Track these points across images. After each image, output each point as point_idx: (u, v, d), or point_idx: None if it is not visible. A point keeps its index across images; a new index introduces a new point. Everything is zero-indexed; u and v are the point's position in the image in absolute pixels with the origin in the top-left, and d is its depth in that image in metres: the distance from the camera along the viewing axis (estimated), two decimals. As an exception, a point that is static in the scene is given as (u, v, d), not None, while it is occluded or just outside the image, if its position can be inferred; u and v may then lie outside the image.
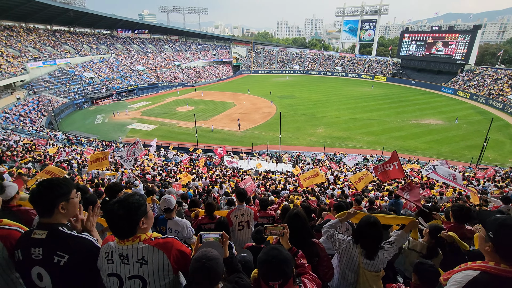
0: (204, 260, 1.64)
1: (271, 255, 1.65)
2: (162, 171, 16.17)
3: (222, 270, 1.72)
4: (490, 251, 1.57)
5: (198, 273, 1.63)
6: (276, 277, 1.64)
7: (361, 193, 12.33)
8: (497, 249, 1.54)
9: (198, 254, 1.70)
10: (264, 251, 1.71)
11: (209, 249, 1.75)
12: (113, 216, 1.74)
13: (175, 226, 3.71)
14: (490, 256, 1.59)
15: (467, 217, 3.60)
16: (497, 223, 1.54)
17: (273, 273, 1.64)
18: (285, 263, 1.65)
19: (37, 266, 1.80)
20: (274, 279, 1.64)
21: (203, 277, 1.63)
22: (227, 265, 2.06)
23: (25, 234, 1.92)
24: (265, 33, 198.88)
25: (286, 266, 1.65)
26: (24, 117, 33.92)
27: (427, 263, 2.47)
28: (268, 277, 1.65)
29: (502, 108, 41.30)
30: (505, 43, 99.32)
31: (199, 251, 1.75)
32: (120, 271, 1.77)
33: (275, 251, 1.68)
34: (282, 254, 1.68)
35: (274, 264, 1.63)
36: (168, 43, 79.36)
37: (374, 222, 2.54)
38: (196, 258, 1.68)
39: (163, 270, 1.79)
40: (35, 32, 53.32)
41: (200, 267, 1.62)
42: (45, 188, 1.84)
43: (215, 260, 1.66)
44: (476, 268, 1.59)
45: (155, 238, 1.85)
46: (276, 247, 1.73)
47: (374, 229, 2.54)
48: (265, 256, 1.67)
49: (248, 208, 4.51)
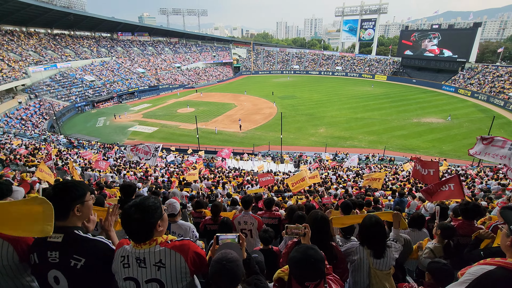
0: (225, 262, 1.62)
1: (309, 255, 1.61)
2: (165, 173, 16.18)
3: (242, 272, 1.70)
4: (509, 246, 1.56)
5: (218, 275, 1.61)
6: (314, 277, 1.62)
7: (365, 192, 12.33)
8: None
9: (218, 255, 1.68)
10: (299, 250, 1.67)
11: (228, 250, 1.74)
12: (130, 220, 1.73)
13: (179, 230, 3.69)
14: (510, 252, 1.58)
15: (475, 213, 3.53)
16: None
17: (312, 273, 1.61)
18: (322, 262, 1.64)
19: (53, 269, 1.80)
20: (312, 279, 1.62)
21: (224, 279, 1.61)
22: (245, 266, 2.04)
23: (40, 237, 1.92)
24: (264, 34, 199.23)
25: (323, 266, 1.64)
26: (26, 121, 34.03)
27: (440, 262, 2.46)
28: (306, 277, 1.62)
29: (503, 106, 41.17)
30: (505, 40, 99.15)
31: (218, 252, 1.73)
32: (137, 275, 1.77)
33: (312, 250, 1.65)
34: (319, 254, 1.65)
35: (313, 263, 1.60)
36: (168, 45, 79.55)
37: (377, 221, 2.57)
38: (216, 260, 1.66)
39: (181, 273, 1.79)
40: (36, 36, 53.55)
41: (221, 268, 1.60)
42: (60, 191, 1.83)
43: (235, 262, 1.64)
44: (493, 264, 1.58)
45: (171, 240, 1.85)
46: (312, 246, 1.71)
47: (378, 228, 2.56)
48: (303, 256, 1.62)
49: (253, 216, 4.45)
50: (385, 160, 24.86)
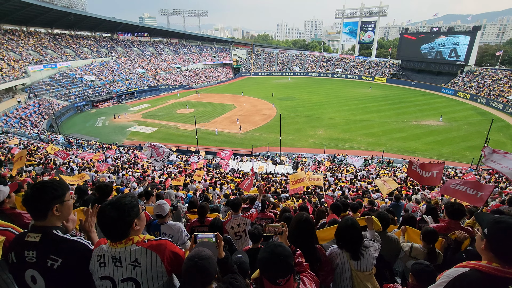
0: (197, 259, 1.63)
1: (277, 253, 1.61)
2: (162, 173, 16.16)
3: (214, 270, 1.71)
4: (484, 249, 1.57)
5: (190, 272, 1.63)
6: (285, 273, 1.62)
7: (362, 194, 12.32)
8: (490, 246, 1.54)
9: (191, 253, 1.70)
10: (267, 250, 1.66)
11: (202, 248, 1.75)
12: (106, 218, 1.71)
13: (169, 231, 3.67)
14: (485, 255, 1.59)
15: (460, 213, 3.66)
16: (493, 220, 1.55)
17: (282, 269, 1.61)
18: (290, 258, 1.64)
19: (30, 269, 1.79)
20: (283, 275, 1.62)
21: (195, 276, 1.62)
22: (222, 266, 2.04)
23: (19, 236, 1.91)
24: (265, 35, 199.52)
25: (291, 261, 1.65)
26: (25, 120, 34.03)
27: (423, 263, 2.47)
28: (278, 275, 1.62)
29: (502, 109, 41.23)
30: (504, 43, 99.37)
31: (192, 250, 1.74)
32: (113, 274, 1.76)
33: (280, 248, 1.65)
34: (287, 250, 1.66)
35: (282, 260, 1.60)
36: (168, 46, 79.68)
37: (352, 224, 2.59)
38: (188, 257, 1.68)
39: (157, 272, 1.78)
40: (36, 35, 53.62)
41: (192, 265, 1.62)
42: (39, 191, 1.81)
43: (207, 259, 1.65)
44: (467, 266, 1.60)
45: (148, 240, 1.84)
46: (279, 244, 1.71)
47: (353, 231, 2.59)
48: (271, 255, 1.62)
49: (244, 217, 4.45)
50: (383, 162, 24.86)
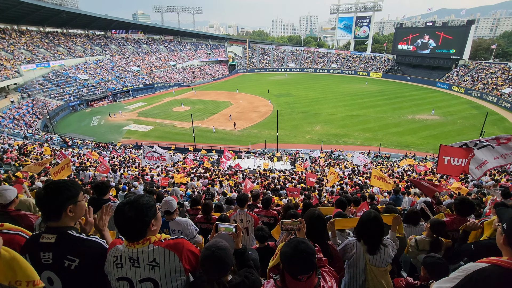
0: (214, 248, 1.69)
1: (300, 249, 1.63)
2: (161, 172, 16.10)
3: (231, 261, 1.75)
4: (503, 243, 1.58)
5: (207, 260, 1.68)
6: (307, 269, 1.65)
7: (360, 189, 12.42)
8: (508, 241, 1.55)
9: (209, 243, 1.76)
10: (290, 246, 1.68)
11: (220, 239, 1.80)
12: (124, 218, 1.71)
13: (177, 227, 3.66)
14: (505, 250, 1.59)
15: (469, 209, 3.58)
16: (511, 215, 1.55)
17: (305, 266, 1.63)
18: (314, 255, 1.66)
19: (47, 270, 1.78)
20: (305, 272, 1.64)
21: (212, 265, 1.67)
22: (239, 257, 2.08)
23: (33, 238, 1.89)
24: (260, 31, 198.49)
25: (314, 258, 1.67)
26: (18, 120, 33.53)
27: (435, 256, 2.50)
28: (299, 271, 1.65)
29: (496, 102, 41.70)
30: (498, 37, 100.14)
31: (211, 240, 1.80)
32: (130, 274, 1.75)
33: (303, 244, 1.66)
34: (310, 247, 1.68)
35: (305, 257, 1.63)
36: (163, 43, 78.87)
37: (375, 217, 2.58)
38: (206, 246, 1.73)
39: (175, 272, 1.78)
40: (28, 34, 52.64)
41: (209, 255, 1.68)
42: (52, 191, 1.79)
43: (224, 250, 1.71)
44: (487, 261, 1.58)
45: (165, 239, 1.84)
46: (303, 240, 1.73)
47: (376, 224, 2.58)
48: (294, 251, 1.64)
49: (249, 214, 4.45)
50: (380, 157, 25.05)
